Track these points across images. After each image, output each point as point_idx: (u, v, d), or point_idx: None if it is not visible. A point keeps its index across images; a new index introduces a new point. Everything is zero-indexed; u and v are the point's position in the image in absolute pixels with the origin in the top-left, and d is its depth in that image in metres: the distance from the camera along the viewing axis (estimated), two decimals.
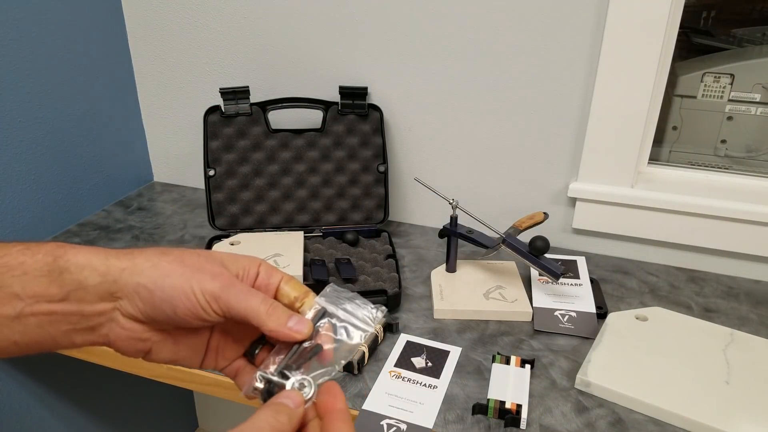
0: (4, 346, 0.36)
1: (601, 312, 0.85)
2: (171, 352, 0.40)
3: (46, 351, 0.38)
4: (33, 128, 1.01)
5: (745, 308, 0.89)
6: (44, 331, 0.36)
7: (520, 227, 0.90)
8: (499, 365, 0.74)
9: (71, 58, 1.06)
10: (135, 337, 0.38)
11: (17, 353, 0.37)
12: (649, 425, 0.67)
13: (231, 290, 0.37)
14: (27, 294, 0.36)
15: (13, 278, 0.36)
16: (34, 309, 0.36)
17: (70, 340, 0.37)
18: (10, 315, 0.35)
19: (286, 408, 0.34)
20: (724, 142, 1.02)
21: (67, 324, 0.37)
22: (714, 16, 1.05)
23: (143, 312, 0.37)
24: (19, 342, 0.36)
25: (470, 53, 0.98)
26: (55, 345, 0.37)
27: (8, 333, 0.36)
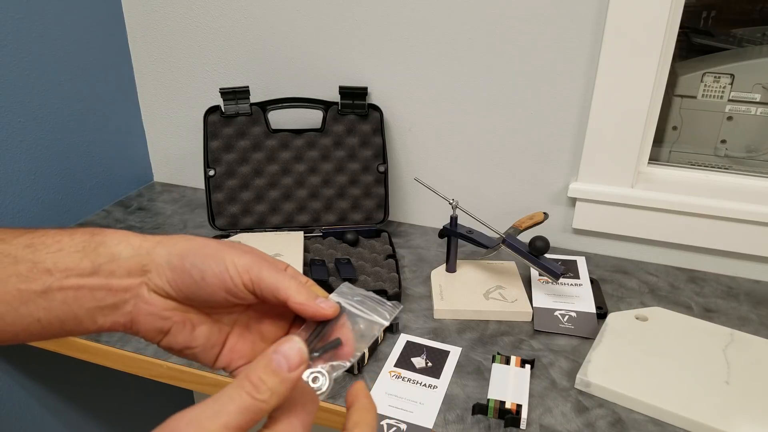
0: (26, 323, 0.36)
1: (601, 312, 0.85)
2: (187, 338, 0.39)
3: (65, 334, 0.38)
4: (33, 128, 1.01)
5: (745, 308, 0.89)
6: (69, 308, 0.37)
7: (520, 227, 0.90)
8: (499, 365, 0.74)
9: (71, 57, 1.06)
10: (157, 313, 0.38)
11: (38, 334, 0.37)
12: (649, 425, 0.67)
13: (263, 264, 0.37)
14: (58, 268, 0.36)
15: (48, 254, 0.37)
16: (62, 283, 0.36)
17: (92, 320, 0.37)
18: (37, 290, 0.36)
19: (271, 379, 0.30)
20: (724, 142, 1.02)
21: (92, 300, 0.37)
22: (714, 16, 1.05)
23: (171, 281, 0.37)
24: (42, 320, 0.37)
25: (470, 53, 0.98)
26: (77, 325, 0.37)
27: (33, 309, 0.36)
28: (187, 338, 0.39)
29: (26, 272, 0.36)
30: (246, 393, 0.28)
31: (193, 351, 0.40)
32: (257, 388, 0.28)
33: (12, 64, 0.95)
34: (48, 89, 1.02)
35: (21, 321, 0.36)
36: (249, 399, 0.28)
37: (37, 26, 0.98)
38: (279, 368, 0.29)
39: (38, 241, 0.37)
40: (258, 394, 0.28)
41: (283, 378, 0.29)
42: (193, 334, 0.39)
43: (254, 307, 0.41)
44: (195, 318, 0.39)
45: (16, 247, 0.37)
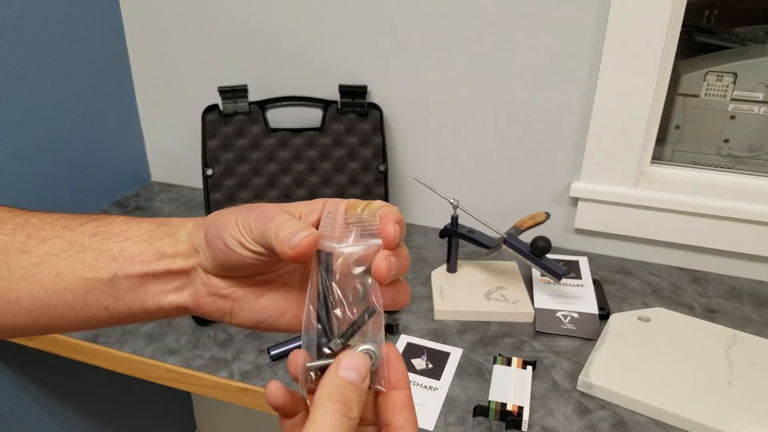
0: (95, 311, 0.37)
1: (604, 313, 0.84)
2: (255, 311, 0.38)
3: (133, 320, 0.38)
4: (30, 128, 1.00)
5: (748, 309, 0.88)
6: (135, 295, 0.37)
7: (522, 227, 0.89)
8: (501, 367, 0.74)
9: (68, 57, 1.05)
10: (215, 293, 0.37)
11: (107, 320, 0.38)
12: (651, 427, 0.66)
13: (267, 218, 0.34)
14: (124, 256, 0.37)
15: (115, 243, 0.37)
16: (127, 271, 0.37)
17: (158, 305, 0.38)
18: (104, 278, 0.37)
19: (354, 393, 0.30)
20: (727, 141, 1.01)
21: (157, 285, 0.37)
22: (717, 14, 1.05)
23: (210, 257, 0.36)
24: (110, 307, 0.37)
25: (471, 52, 0.98)
26: (144, 311, 0.38)
27: (100, 297, 0.37)
28: (255, 312, 0.38)
29: (92, 260, 0.37)
30: (341, 414, 0.29)
31: (268, 323, 0.38)
32: (349, 409, 0.29)
33: (9, 64, 0.94)
34: (45, 89, 1.02)
35: (89, 309, 0.37)
36: (344, 419, 0.29)
37: (34, 25, 0.97)
38: (355, 383, 0.30)
39: (104, 230, 0.38)
40: (351, 412, 0.29)
41: (361, 390, 0.30)
42: (259, 305, 0.38)
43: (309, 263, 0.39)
44: (255, 290, 0.38)
45: (83, 235, 0.38)
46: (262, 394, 0.73)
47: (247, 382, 0.73)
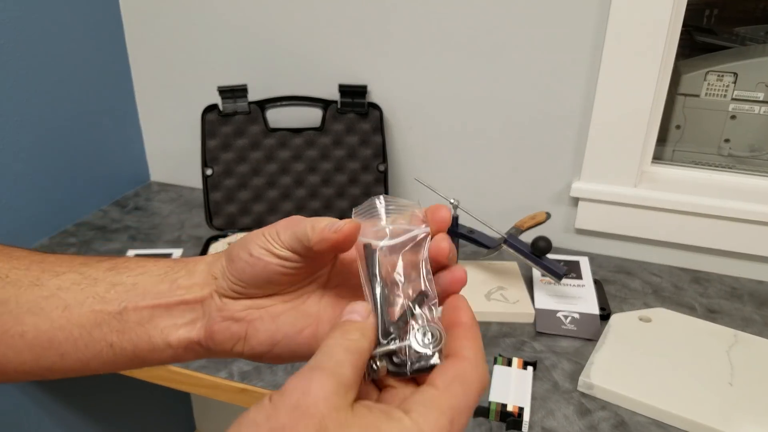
0: (99, 348, 0.36)
1: (604, 313, 0.84)
2: (269, 332, 0.37)
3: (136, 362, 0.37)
4: (29, 128, 1.00)
5: (749, 309, 0.88)
6: (143, 330, 0.36)
7: (522, 227, 0.89)
8: (501, 367, 0.73)
9: (68, 57, 1.05)
10: (230, 317, 0.37)
11: (110, 362, 0.37)
12: (652, 428, 0.66)
13: (297, 221, 0.35)
14: (137, 289, 0.37)
15: (129, 277, 0.37)
16: (138, 303, 0.36)
17: (166, 340, 0.37)
18: (112, 311, 0.36)
19: (353, 324, 0.31)
20: (727, 141, 1.01)
21: (167, 318, 0.37)
22: (717, 14, 1.05)
23: (230, 273, 0.36)
24: (114, 344, 0.36)
25: (471, 51, 0.97)
26: (150, 349, 0.37)
27: (107, 331, 0.36)
28: (270, 333, 0.37)
29: (104, 293, 0.36)
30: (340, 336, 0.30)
31: (284, 343, 0.37)
32: (346, 331, 0.30)
33: (8, 64, 0.94)
34: (44, 88, 1.01)
35: (93, 346, 0.36)
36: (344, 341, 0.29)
37: (33, 26, 0.97)
38: (353, 318, 0.31)
39: (122, 266, 0.38)
40: (348, 335, 0.30)
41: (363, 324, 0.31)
42: (274, 325, 0.37)
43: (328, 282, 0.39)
44: (271, 310, 0.38)
45: (98, 270, 0.37)
46: (262, 395, 0.72)
47: (246, 383, 0.73)
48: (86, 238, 1.06)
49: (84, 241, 1.05)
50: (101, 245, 1.03)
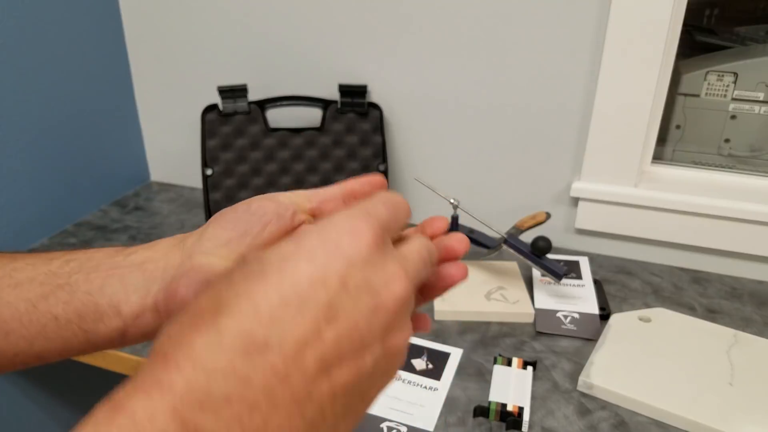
0: (43, 323, 0.33)
1: (604, 313, 0.84)
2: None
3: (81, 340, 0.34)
4: (29, 127, 1.00)
5: (749, 309, 0.88)
6: (91, 299, 0.33)
7: (522, 227, 0.89)
8: (501, 367, 0.73)
9: (67, 56, 1.05)
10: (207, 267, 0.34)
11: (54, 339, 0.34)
12: (652, 427, 0.66)
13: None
14: (91, 259, 0.35)
15: (85, 254, 0.35)
16: (90, 274, 0.34)
17: (116, 309, 0.34)
18: (62, 283, 0.33)
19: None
20: (727, 141, 1.01)
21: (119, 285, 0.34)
22: (717, 14, 1.04)
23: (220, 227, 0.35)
24: (59, 317, 0.33)
25: (472, 51, 0.97)
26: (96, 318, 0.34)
27: (53, 303, 0.33)
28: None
29: (56, 269, 0.34)
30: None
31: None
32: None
33: (7, 64, 0.94)
34: (44, 88, 1.01)
35: (38, 319, 0.33)
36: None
37: (33, 25, 0.97)
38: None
39: (82, 250, 0.36)
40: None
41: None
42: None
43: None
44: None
45: (57, 253, 0.36)
46: None
47: None
48: (86, 238, 1.06)
49: (84, 241, 1.05)
50: (101, 245, 1.03)
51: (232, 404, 0.19)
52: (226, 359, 0.20)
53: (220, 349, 0.20)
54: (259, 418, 0.20)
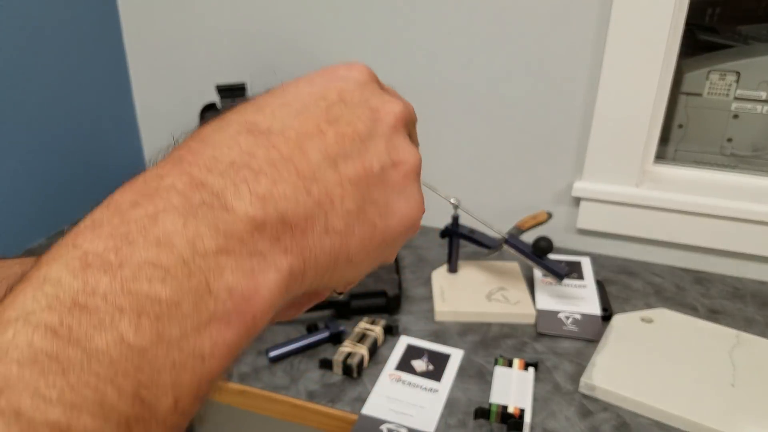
0: None
1: (606, 314, 0.84)
2: None
3: None
4: (27, 127, 0.99)
5: (752, 310, 0.87)
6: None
7: (523, 227, 0.88)
8: (502, 368, 0.73)
9: (65, 57, 1.04)
10: None
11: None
12: (654, 429, 0.66)
13: None
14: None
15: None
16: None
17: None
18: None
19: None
20: (730, 141, 1.01)
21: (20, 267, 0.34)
22: (720, 13, 1.04)
23: None
24: None
25: (473, 51, 0.97)
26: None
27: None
28: None
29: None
30: None
31: None
32: None
33: (5, 63, 0.93)
34: (42, 88, 1.01)
35: None
36: None
37: (31, 25, 0.97)
38: None
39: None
40: None
41: None
42: None
43: None
44: None
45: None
46: (261, 396, 0.72)
47: (245, 384, 0.73)
48: None
49: None
50: None
51: (238, 169, 0.20)
52: (230, 136, 0.21)
53: (225, 131, 0.21)
54: (265, 182, 0.20)
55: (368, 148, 0.23)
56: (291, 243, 0.20)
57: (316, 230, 0.21)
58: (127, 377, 0.16)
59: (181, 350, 0.17)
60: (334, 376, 0.73)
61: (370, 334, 0.78)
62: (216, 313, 0.18)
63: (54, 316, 0.16)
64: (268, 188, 0.20)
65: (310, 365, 0.75)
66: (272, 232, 0.20)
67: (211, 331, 0.18)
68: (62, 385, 0.15)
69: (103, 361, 0.16)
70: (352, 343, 0.76)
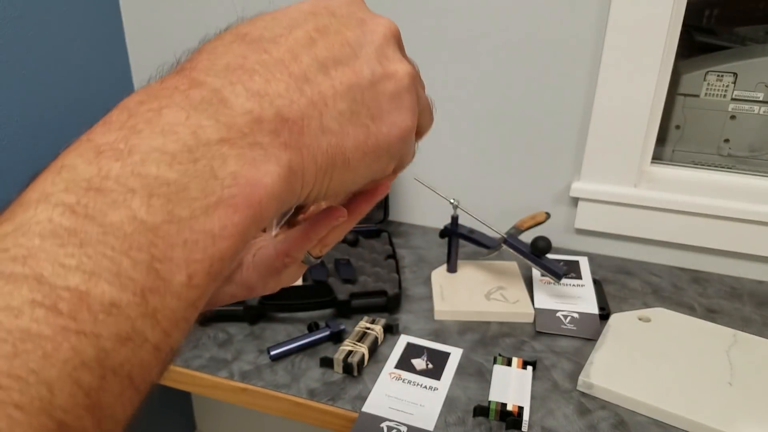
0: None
1: (604, 313, 0.84)
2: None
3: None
4: (30, 128, 1.00)
5: (749, 309, 0.88)
6: None
7: (522, 227, 0.89)
8: (501, 367, 0.73)
9: (68, 58, 1.05)
10: None
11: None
12: (651, 427, 0.66)
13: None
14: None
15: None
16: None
17: None
18: None
19: None
20: (727, 141, 1.01)
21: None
22: (717, 14, 1.05)
23: None
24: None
25: (471, 51, 0.97)
26: None
27: None
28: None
29: None
30: None
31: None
32: None
33: (7, 64, 0.94)
34: (44, 89, 1.01)
35: None
36: None
37: (33, 25, 0.97)
38: None
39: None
40: None
41: None
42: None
43: None
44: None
45: None
46: (262, 395, 0.72)
47: (247, 383, 0.73)
48: None
49: None
50: None
51: (232, 70, 0.21)
52: (224, 45, 0.22)
53: (218, 42, 0.23)
54: (259, 81, 0.21)
55: (358, 55, 0.24)
56: (289, 138, 0.21)
57: (312, 129, 0.22)
58: (141, 251, 0.18)
59: (192, 230, 0.19)
60: (334, 375, 0.74)
61: (370, 333, 0.78)
62: (223, 196, 0.19)
63: (71, 197, 0.18)
64: (263, 86, 0.21)
65: (311, 364, 0.76)
66: (270, 126, 0.21)
67: (220, 213, 0.19)
68: (80, 255, 0.17)
69: (117, 235, 0.17)
70: (352, 341, 0.77)
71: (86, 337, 0.16)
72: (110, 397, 0.17)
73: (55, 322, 0.16)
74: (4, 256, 0.17)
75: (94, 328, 0.16)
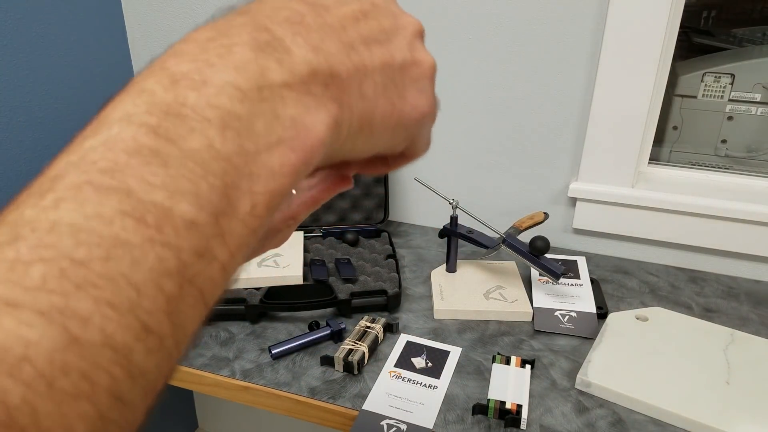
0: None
1: (602, 312, 0.85)
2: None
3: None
4: (32, 128, 1.00)
5: (746, 308, 0.88)
6: None
7: (521, 227, 0.90)
8: (500, 365, 0.74)
9: (71, 58, 1.06)
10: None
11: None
12: (649, 425, 0.67)
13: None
14: None
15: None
16: None
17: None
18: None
19: None
20: (724, 142, 1.02)
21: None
22: (714, 15, 1.05)
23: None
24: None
25: (470, 52, 0.98)
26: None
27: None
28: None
29: None
30: None
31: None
32: None
33: (11, 65, 0.95)
34: (47, 89, 1.02)
35: None
36: None
37: (36, 26, 0.98)
38: None
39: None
40: None
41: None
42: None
43: None
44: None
45: None
46: (264, 393, 0.73)
47: (248, 381, 0.74)
48: None
49: None
50: None
51: (292, 23, 0.23)
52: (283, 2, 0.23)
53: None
54: (316, 37, 0.23)
55: (392, 42, 0.26)
56: (337, 93, 0.23)
57: (353, 91, 0.24)
58: (217, 177, 0.19)
59: (256, 164, 0.20)
60: (335, 373, 0.75)
61: (370, 332, 0.79)
62: (283, 136, 0.21)
63: (153, 119, 0.19)
64: (319, 42, 0.23)
65: (312, 362, 0.76)
66: (323, 79, 0.22)
67: (280, 152, 0.21)
68: (164, 174, 0.18)
69: (197, 160, 0.19)
70: (352, 340, 0.77)
71: (169, 248, 0.18)
72: (185, 307, 0.18)
73: (143, 232, 0.17)
74: (93, 168, 0.18)
75: (177, 241, 0.18)
